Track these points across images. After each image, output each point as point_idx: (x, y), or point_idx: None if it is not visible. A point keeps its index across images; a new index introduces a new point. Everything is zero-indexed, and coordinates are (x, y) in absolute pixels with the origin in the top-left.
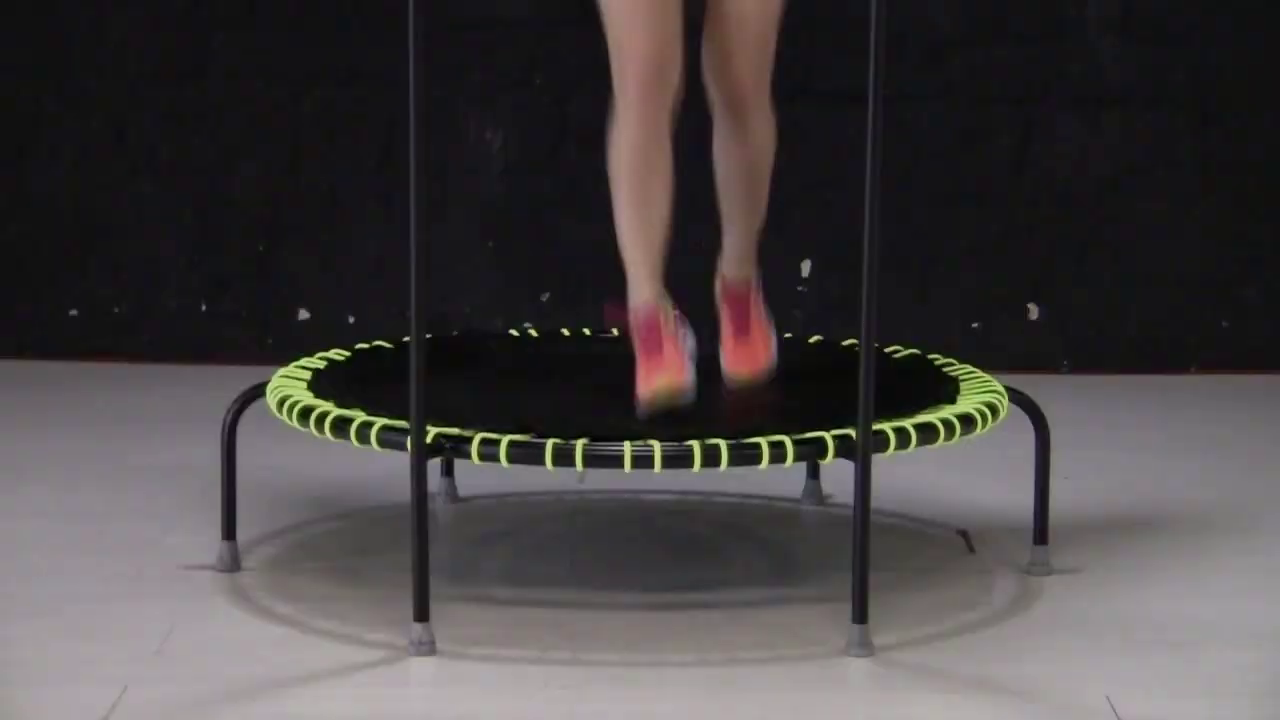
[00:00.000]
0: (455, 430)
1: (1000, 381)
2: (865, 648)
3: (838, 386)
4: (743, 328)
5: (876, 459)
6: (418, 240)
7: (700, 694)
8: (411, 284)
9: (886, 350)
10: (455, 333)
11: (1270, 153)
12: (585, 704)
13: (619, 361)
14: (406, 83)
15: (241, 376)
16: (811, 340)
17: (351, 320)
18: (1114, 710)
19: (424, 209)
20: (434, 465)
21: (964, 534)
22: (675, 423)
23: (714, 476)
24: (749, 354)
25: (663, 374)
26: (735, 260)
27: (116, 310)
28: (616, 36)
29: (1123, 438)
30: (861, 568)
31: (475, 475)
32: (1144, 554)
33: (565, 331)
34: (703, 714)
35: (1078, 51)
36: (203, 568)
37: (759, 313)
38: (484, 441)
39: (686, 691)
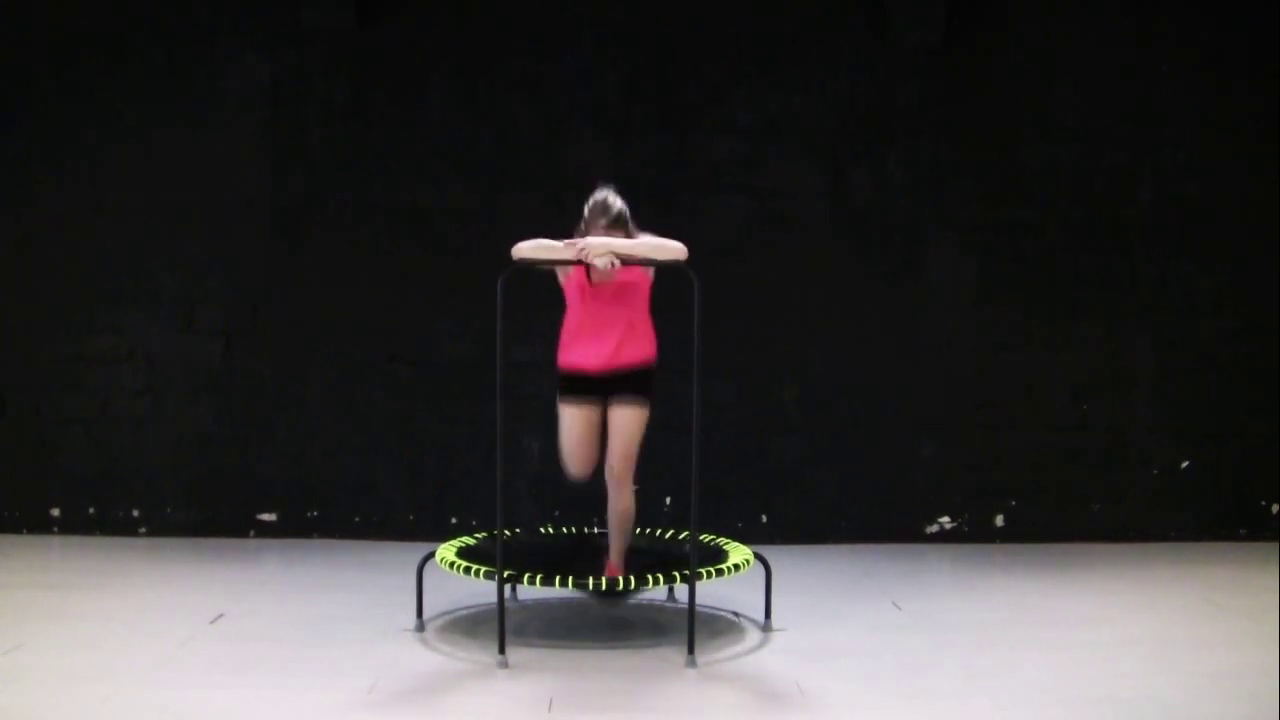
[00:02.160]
0: (513, 571)
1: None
2: (692, 663)
3: (679, 552)
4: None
5: (700, 584)
6: (501, 487)
7: (622, 680)
8: (497, 502)
9: (702, 535)
10: (517, 530)
11: None
12: (556, 681)
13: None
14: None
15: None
16: (668, 535)
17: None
18: (800, 689)
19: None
20: (506, 586)
21: (736, 614)
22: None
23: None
24: (610, 568)
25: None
26: (613, 554)
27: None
28: (561, 455)
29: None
30: (691, 628)
31: (524, 592)
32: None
33: (569, 530)
34: (617, 690)
35: None
36: (405, 629)
37: (617, 558)
38: (529, 578)
39: (611, 675)
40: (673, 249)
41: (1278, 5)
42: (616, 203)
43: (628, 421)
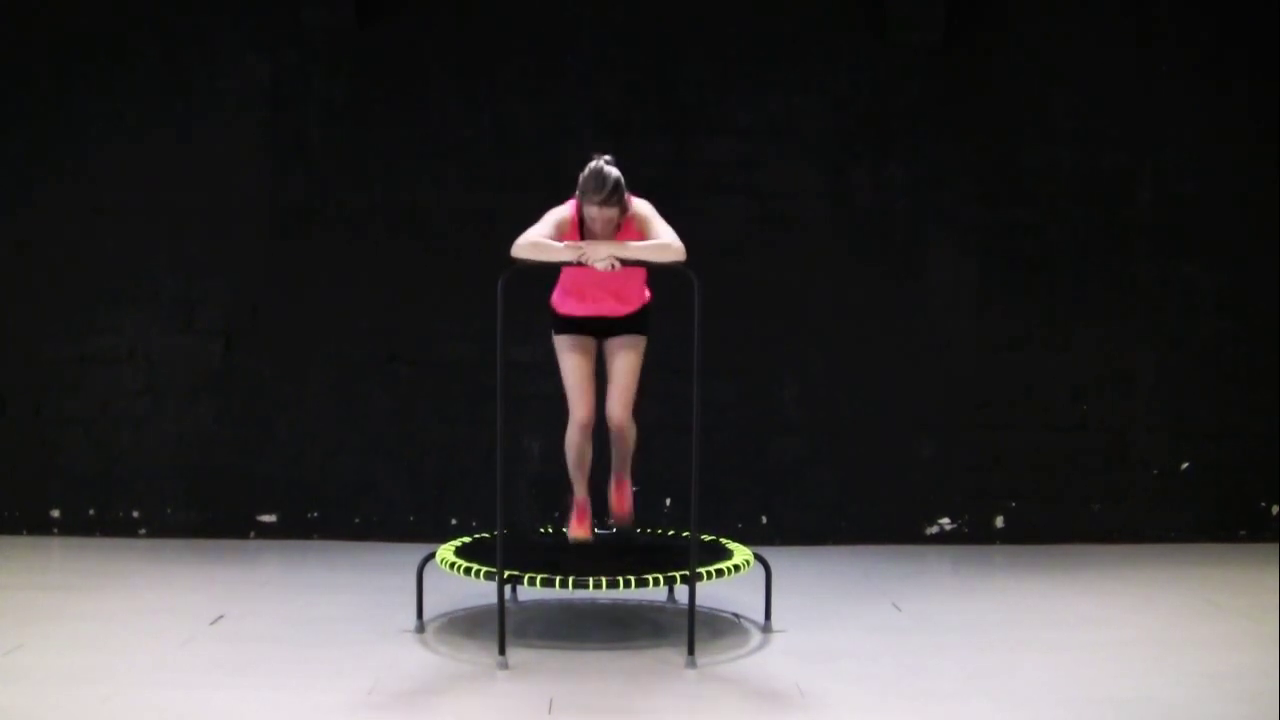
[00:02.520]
0: (513, 572)
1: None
2: (692, 664)
3: (680, 551)
4: (620, 489)
5: (700, 585)
6: (501, 488)
7: (622, 680)
8: (498, 502)
9: (702, 536)
10: (517, 530)
11: None
12: (557, 682)
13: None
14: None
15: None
16: (670, 532)
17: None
18: (799, 690)
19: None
20: (506, 587)
21: (736, 615)
22: (609, 567)
23: (633, 593)
24: (619, 502)
25: (579, 530)
26: (617, 468)
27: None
28: (568, 397)
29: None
30: (691, 629)
31: (524, 592)
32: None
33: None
34: (617, 691)
35: None
36: (406, 630)
37: (626, 487)
38: (529, 579)
39: (611, 676)
40: (673, 250)
41: (1278, 5)
42: (612, 173)
43: (629, 361)
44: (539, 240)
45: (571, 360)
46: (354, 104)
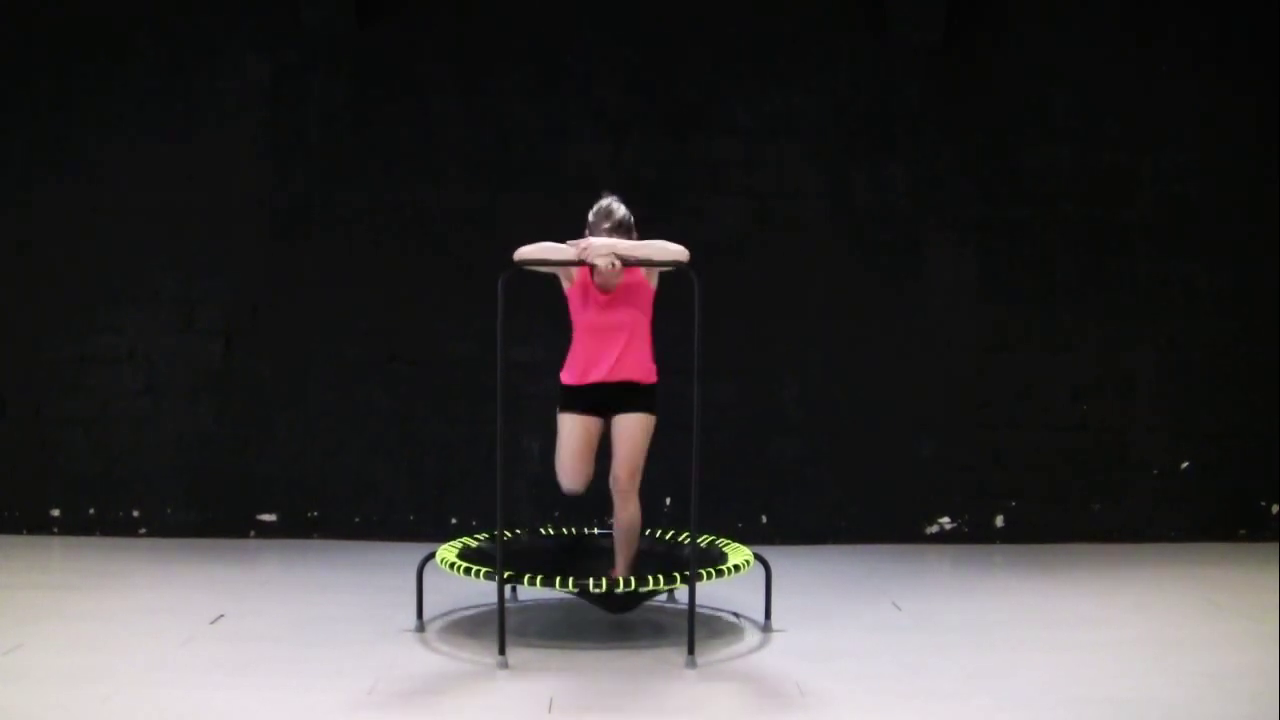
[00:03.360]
0: (513, 572)
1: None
2: (692, 664)
3: (679, 551)
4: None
5: (700, 584)
6: (501, 488)
7: (622, 680)
8: (498, 502)
9: (702, 535)
10: (517, 530)
11: None
12: (557, 682)
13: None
14: None
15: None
16: (668, 536)
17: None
18: (799, 689)
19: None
20: (506, 588)
21: (736, 614)
22: (609, 567)
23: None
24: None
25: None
26: (621, 565)
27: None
28: (557, 469)
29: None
30: (691, 628)
31: (524, 592)
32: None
33: (569, 531)
34: (617, 691)
35: None
36: (406, 630)
37: (622, 564)
38: (529, 579)
39: (611, 676)
40: (674, 251)
41: (1278, 5)
42: (620, 209)
43: (634, 430)
44: (542, 244)
45: (568, 428)
46: (354, 104)
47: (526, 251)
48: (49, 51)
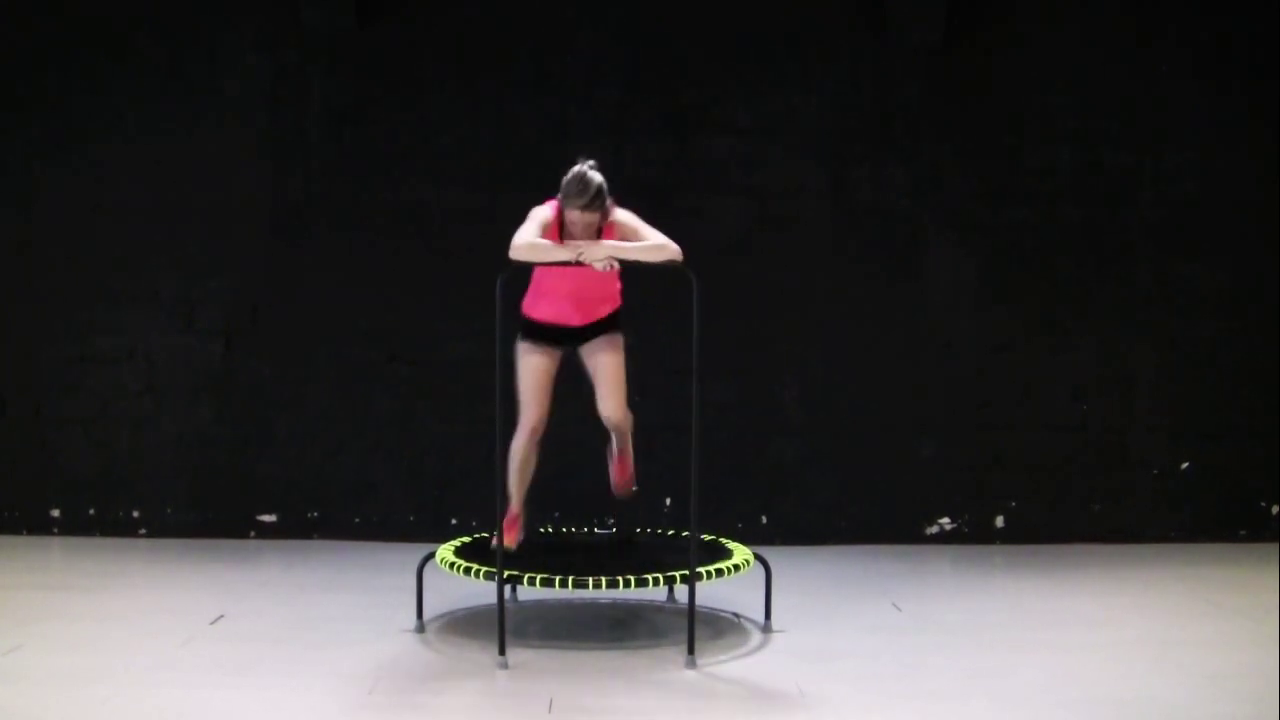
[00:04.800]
0: (513, 572)
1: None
2: (692, 664)
3: (680, 551)
4: (621, 460)
5: (700, 584)
6: (501, 488)
7: (622, 680)
8: (498, 502)
9: (702, 535)
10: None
11: None
12: (557, 682)
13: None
14: None
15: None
16: (670, 532)
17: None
18: (800, 691)
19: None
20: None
21: (736, 614)
22: (609, 567)
23: (632, 593)
24: (620, 470)
25: (510, 537)
26: (619, 446)
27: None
28: (520, 401)
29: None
30: (691, 628)
31: (524, 592)
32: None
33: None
34: (617, 691)
35: None
36: (406, 630)
37: (628, 458)
38: (529, 579)
39: (611, 676)
40: (670, 250)
41: (1278, 5)
42: (595, 178)
43: (611, 359)
44: (536, 242)
45: (531, 363)
46: (354, 104)
47: (522, 250)
48: (49, 51)
